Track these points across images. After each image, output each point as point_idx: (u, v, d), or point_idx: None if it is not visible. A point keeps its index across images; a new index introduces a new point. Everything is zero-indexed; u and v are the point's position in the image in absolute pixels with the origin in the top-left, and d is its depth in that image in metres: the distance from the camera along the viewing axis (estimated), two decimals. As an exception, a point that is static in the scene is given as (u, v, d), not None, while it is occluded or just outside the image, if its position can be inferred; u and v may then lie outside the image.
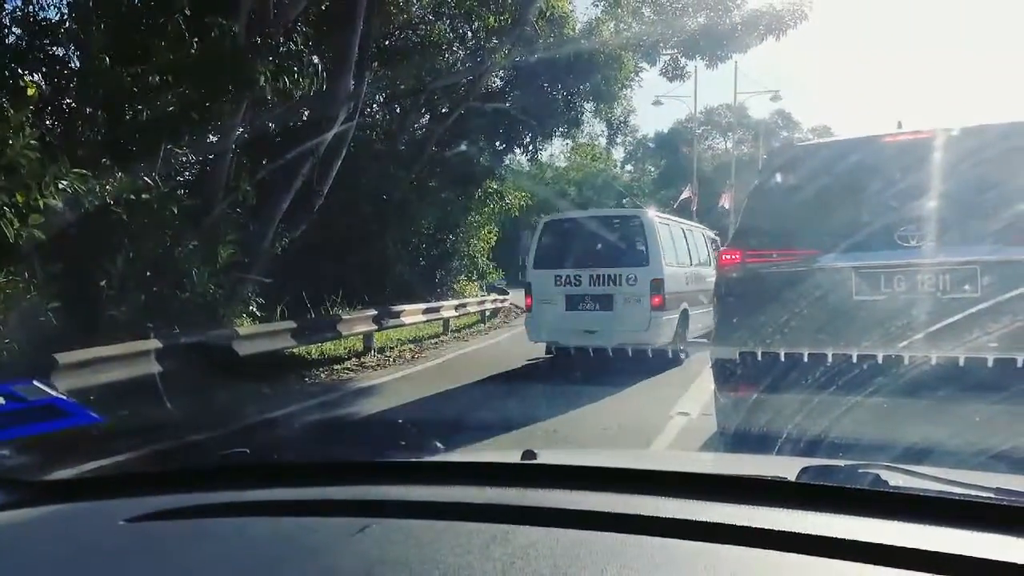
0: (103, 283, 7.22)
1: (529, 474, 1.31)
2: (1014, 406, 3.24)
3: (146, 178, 7.67)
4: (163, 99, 8.10)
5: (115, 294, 7.31)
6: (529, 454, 1.43)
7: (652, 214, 9.48)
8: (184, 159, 9.30)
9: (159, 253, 7.84)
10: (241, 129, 9.33)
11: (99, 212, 7.04)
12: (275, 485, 1.31)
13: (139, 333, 6.78)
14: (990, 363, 3.37)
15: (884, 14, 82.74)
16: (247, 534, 1.13)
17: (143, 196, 7.53)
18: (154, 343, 6.69)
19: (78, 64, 8.42)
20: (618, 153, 46.86)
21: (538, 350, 9.67)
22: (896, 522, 0.97)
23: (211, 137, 9.28)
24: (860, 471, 1.18)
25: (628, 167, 52.99)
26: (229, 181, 9.17)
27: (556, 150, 42.58)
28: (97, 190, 6.91)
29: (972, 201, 3.73)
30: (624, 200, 50.32)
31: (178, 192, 8.54)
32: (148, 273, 7.78)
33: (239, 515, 1.20)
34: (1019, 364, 3.32)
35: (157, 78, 7.77)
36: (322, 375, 9.18)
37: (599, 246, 8.92)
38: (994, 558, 0.86)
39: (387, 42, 15.07)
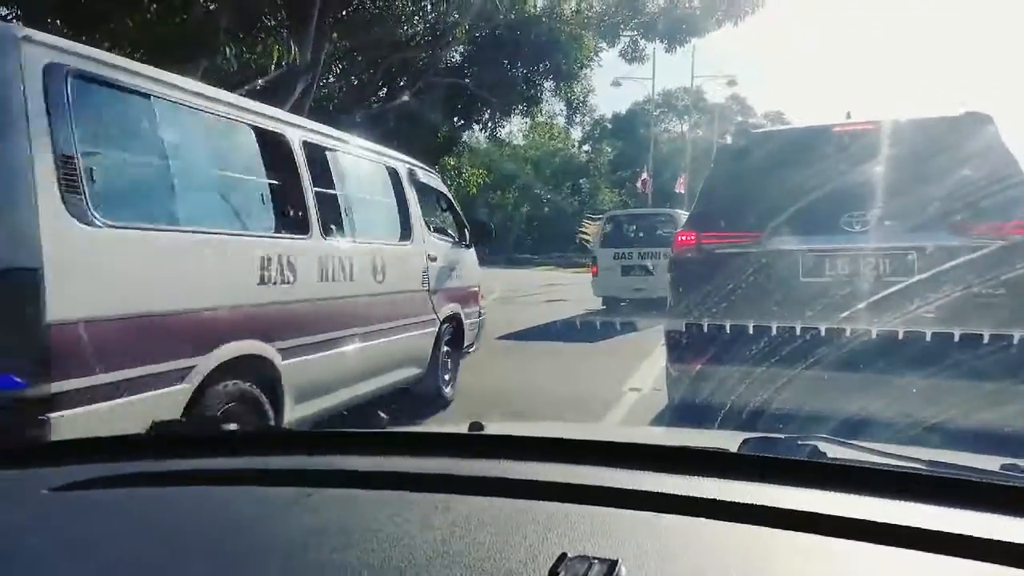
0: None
1: (475, 445, 1.29)
2: (945, 380, 3.43)
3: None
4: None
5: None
6: (476, 425, 1.42)
7: (680, 212, 13.22)
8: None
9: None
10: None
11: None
12: (211, 455, 1.27)
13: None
14: (925, 340, 3.58)
15: (838, 6, 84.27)
16: (179, 503, 1.08)
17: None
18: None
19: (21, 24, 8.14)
20: (576, 133, 46.97)
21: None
22: (832, 492, 0.99)
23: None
24: (799, 443, 1.20)
25: (585, 147, 53.16)
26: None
27: (515, 128, 42.47)
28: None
29: (912, 191, 3.94)
30: (581, 180, 50.65)
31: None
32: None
33: (170, 484, 1.15)
34: (950, 340, 3.54)
35: (109, 44, 7.54)
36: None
37: (642, 233, 13.55)
38: (924, 527, 0.88)
39: (345, 12, 14.84)
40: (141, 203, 3.10)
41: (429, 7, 16.49)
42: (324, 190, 4.21)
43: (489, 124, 19.43)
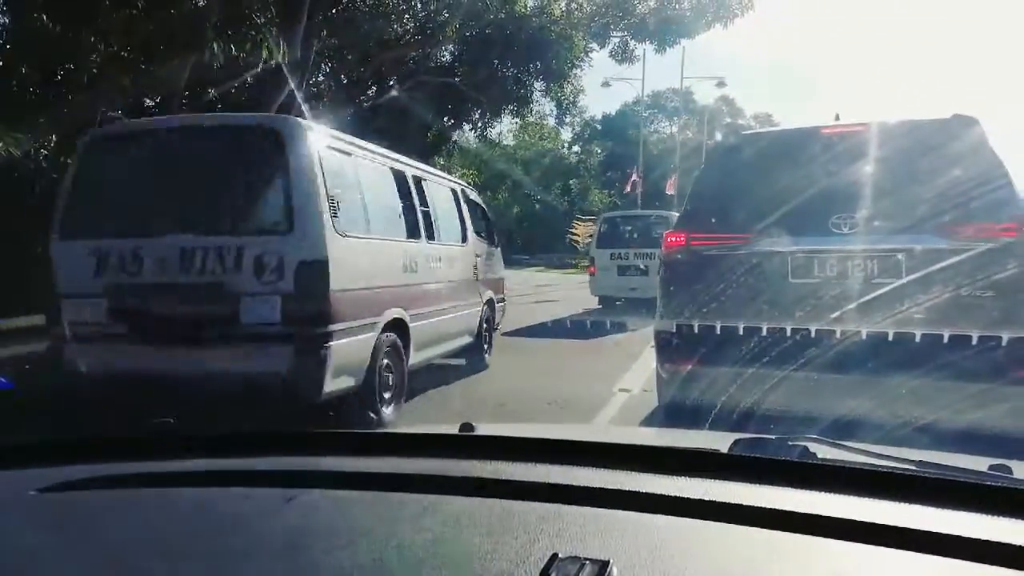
0: (39, 250, 6.98)
1: (465, 446, 1.29)
2: (934, 381, 3.45)
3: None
4: (102, 61, 7.82)
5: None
6: (467, 426, 1.42)
7: (674, 214, 12.78)
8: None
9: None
10: (186, 93, 9.06)
11: (33, 176, 6.79)
12: (200, 456, 1.26)
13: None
14: (913, 341, 3.60)
15: (827, 9, 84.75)
16: (166, 504, 1.08)
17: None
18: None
19: (8, 21, 8.05)
20: (566, 134, 47.04)
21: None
22: (822, 492, 0.99)
23: (152, 102, 8.99)
24: (789, 443, 1.20)
25: (575, 148, 53.25)
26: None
27: (505, 128, 42.48)
28: (32, 153, 6.66)
29: (900, 192, 3.96)
30: (571, 181, 50.70)
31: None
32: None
33: (160, 485, 1.15)
34: (938, 342, 3.56)
35: (97, 39, 7.47)
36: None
37: (637, 234, 13.70)
38: (913, 527, 0.88)
39: (335, 10, 14.77)
40: (357, 222, 4.78)
41: (419, 5, 16.46)
42: (424, 208, 6.00)
43: (479, 124, 19.40)
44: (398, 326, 5.09)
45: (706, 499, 0.97)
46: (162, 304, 4.34)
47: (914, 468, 1.12)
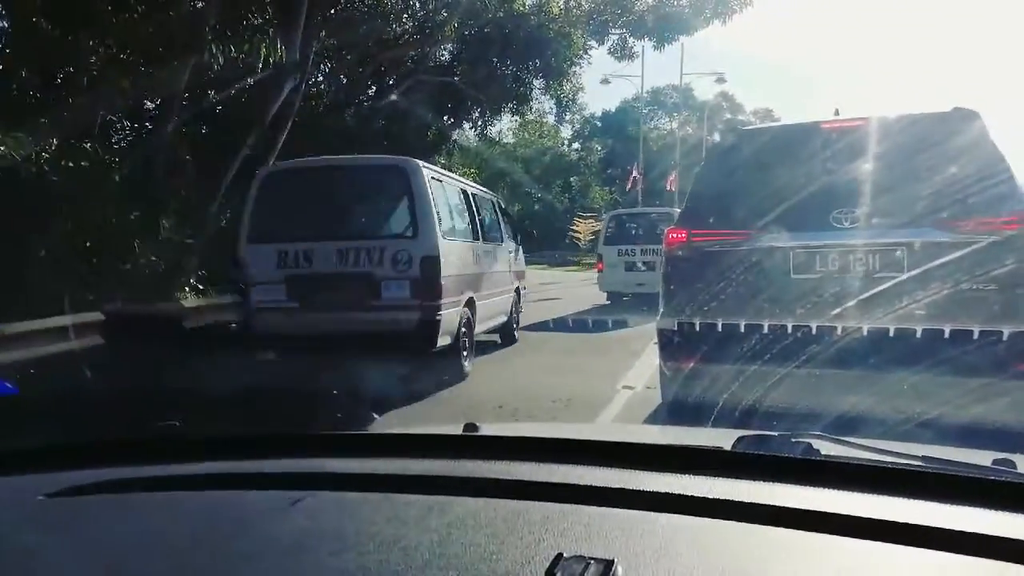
0: (41, 253, 7.00)
1: (469, 446, 1.29)
2: (936, 376, 3.45)
3: (84, 145, 7.43)
4: (101, 64, 7.82)
5: (54, 265, 7.10)
6: (471, 427, 1.42)
7: (678, 211, 14.38)
8: (124, 126, 9.00)
9: (100, 223, 7.62)
10: (186, 95, 9.07)
11: (35, 179, 6.80)
12: (206, 458, 1.26)
13: (81, 305, 6.61)
14: (915, 336, 3.60)
15: (826, 3, 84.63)
16: (173, 508, 1.08)
17: (82, 163, 7.30)
18: (96, 315, 6.54)
19: (7, 25, 8.04)
20: (566, 131, 46.95)
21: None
22: (826, 489, 0.99)
23: (151, 104, 9.01)
24: (793, 440, 1.19)
25: (575, 145, 53.17)
26: (172, 149, 8.93)
27: (505, 126, 42.46)
28: (33, 156, 6.67)
29: (901, 187, 3.95)
30: (572, 178, 50.65)
31: (120, 161, 8.29)
32: (88, 243, 7.56)
33: (166, 489, 1.15)
34: (940, 336, 3.56)
35: (96, 42, 7.47)
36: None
37: (643, 231, 14.13)
38: (918, 523, 0.88)
39: (333, 11, 14.76)
40: (450, 229, 6.88)
41: (417, 5, 16.43)
42: (479, 216, 7.99)
43: (479, 122, 19.38)
44: (470, 304, 7.01)
45: (710, 497, 0.97)
46: (327, 286, 6.37)
47: (918, 464, 1.12)
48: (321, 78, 16.44)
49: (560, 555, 0.80)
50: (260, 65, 8.60)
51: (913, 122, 4.18)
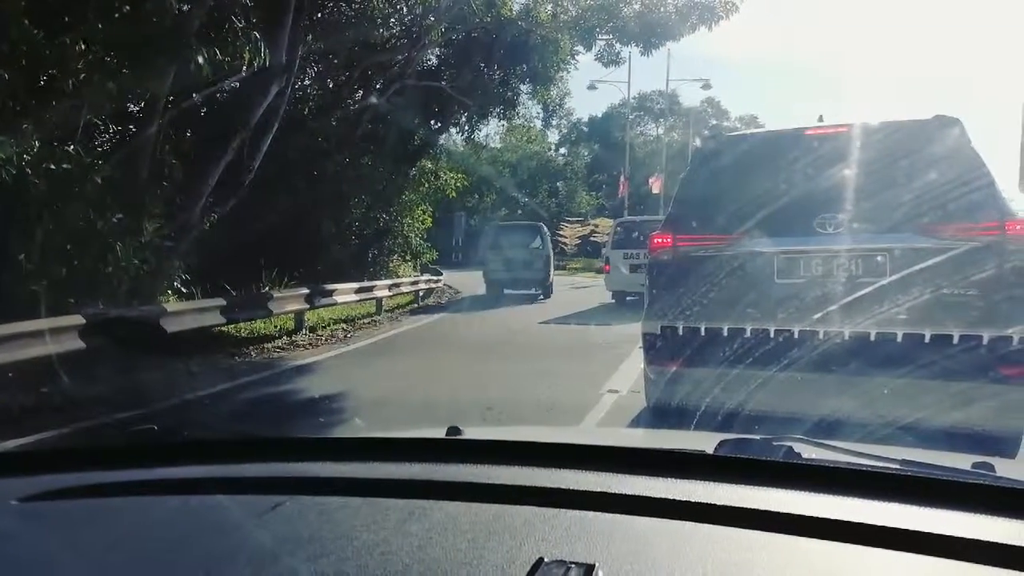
0: (21, 256, 6.91)
1: (452, 450, 1.29)
2: (918, 380, 3.48)
3: (67, 148, 7.35)
4: (85, 67, 7.73)
5: (35, 268, 7.00)
6: (454, 430, 1.41)
7: None
8: (108, 129, 8.92)
9: (81, 226, 7.53)
10: (170, 98, 9.00)
11: (16, 182, 6.71)
12: (184, 463, 1.24)
13: (61, 308, 6.54)
14: (896, 341, 3.63)
15: (811, 10, 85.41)
16: (150, 512, 1.07)
17: (64, 166, 7.22)
18: (77, 319, 6.46)
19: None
20: (553, 136, 47.04)
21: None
22: (807, 493, 0.99)
23: (135, 107, 8.93)
24: (774, 444, 1.21)
25: (562, 150, 53.25)
26: (156, 152, 8.86)
27: (492, 131, 42.41)
28: (14, 159, 6.59)
29: (883, 193, 3.98)
30: (559, 183, 50.73)
31: (102, 164, 8.20)
32: (69, 246, 7.46)
33: (142, 494, 1.13)
34: (922, 341, 3.59)
35: (81, 46, 7.40)
36: (252, 353, 9.04)
37: (646, 237, 16.14)
38: (897, 526, 0.88)
39: (320, 14, 14.72)
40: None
41: (404, 9, 16.41)
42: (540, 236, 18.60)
43: (466, 127, 19.38)
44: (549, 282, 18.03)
45: (692, 500, 0.97)
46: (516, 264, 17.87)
47: (897, 467, 1.13)
48: (308, 81, 16.40)
49: (541, 560, 0.79)
50: (245, 68, 8.54)
51: (895, 129, 4.22)
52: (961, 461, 1.27)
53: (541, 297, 17.45)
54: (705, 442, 1.27)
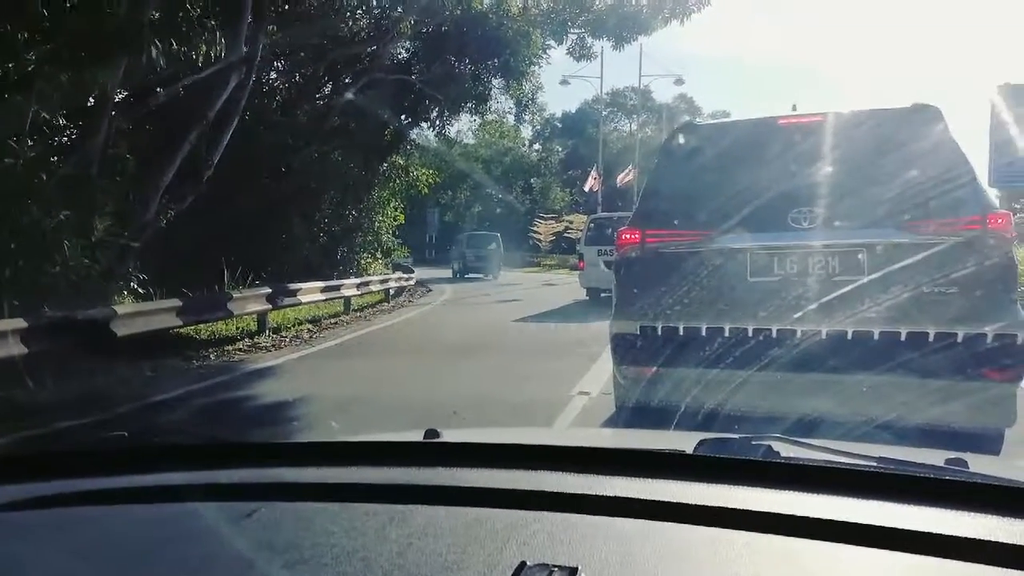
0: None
1: (430, 453, 1.28)
2: (895, 378, 3.39)
3: (11, 142, 6.99)
4: (36, 58, 7.37)
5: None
6: (432, 433, 1.41)
7: None
8: (56, 123, 8.52)
9: (24, 224, 7.16)
10: (123, 92, 8.64)
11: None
12: (156, 470, 1.20)
13: (0, 311, 6.19)
14: (874, 338, 3.49)
15: (784, 4, 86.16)
16: (118, 521, 1.05)
17: (7, 160, 6.86)
18: (18, 322, 6.11)
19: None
20: (526, 132, 46.91)
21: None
22: (786, 491, 1.00)
23: (86, 100, 8.55)
24: (753, 443, 1.22)
25: (536, 146, 53.16)
26: (107, 147, 8.48)
27: (464, 126, 42.16)
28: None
29: (860, 185, 3.82)
30: (532, 180, 50.62)
31: (50, 158, 7.83)
32: (13, 245, 7.10)
33: (114, 502, 1.10)
34: (898, 340, 3.46)
35: (30, 37, 7.04)
36: (211, 356, 8.71)
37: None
38: (875, 523, 0.89)
39: (286, 5, 14.35)
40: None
41: (373, 2, 16.10)
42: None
43: (437, 122, 19.10)
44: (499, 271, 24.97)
45: (673, 501, 0.97)
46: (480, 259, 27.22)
47: (874, 465, 1.14)
48: (275, 75, 16.02)
49: (524, 563, 0.79)
50: (201, 61, 8.20)
51: (871, 117, 4.05)
52: (935, 457, 1.30)
53: (490, 278, 26.53)
54: (685, 442, 1.27)
